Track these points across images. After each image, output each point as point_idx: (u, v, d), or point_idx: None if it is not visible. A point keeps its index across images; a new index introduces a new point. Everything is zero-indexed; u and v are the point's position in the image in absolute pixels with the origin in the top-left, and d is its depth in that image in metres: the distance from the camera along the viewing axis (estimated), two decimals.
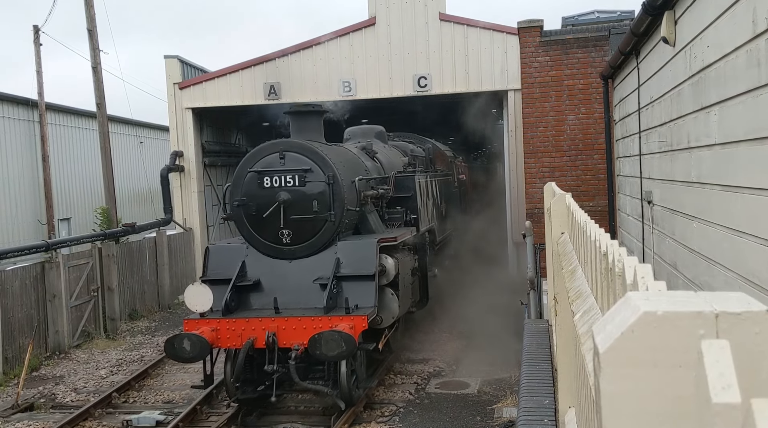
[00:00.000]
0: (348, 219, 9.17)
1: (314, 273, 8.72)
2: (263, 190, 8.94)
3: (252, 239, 9.15)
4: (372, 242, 8.84)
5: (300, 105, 10.01)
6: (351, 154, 10.45)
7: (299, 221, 8.86)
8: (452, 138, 29.13)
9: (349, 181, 9.18)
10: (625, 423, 0.85)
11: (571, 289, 2.82)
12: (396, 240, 9.38)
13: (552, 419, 4.62)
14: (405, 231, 10.31)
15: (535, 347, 6.76)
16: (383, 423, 7.80)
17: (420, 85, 16.64)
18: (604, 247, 1.90)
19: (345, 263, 8.69)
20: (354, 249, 8.86)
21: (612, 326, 0.92)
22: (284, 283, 8.80)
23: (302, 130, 9.69)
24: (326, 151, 9.15)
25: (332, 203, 8.84)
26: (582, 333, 1.96)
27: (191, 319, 8.39)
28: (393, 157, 12.59)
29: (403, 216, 10.91)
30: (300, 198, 8.88)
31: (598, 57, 14.86)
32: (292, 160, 8.92)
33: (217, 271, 9.08)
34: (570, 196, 4.41)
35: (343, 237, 9.13)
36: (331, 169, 8.86)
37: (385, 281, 8.85)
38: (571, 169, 15.08)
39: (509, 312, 11.87)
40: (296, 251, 9.00)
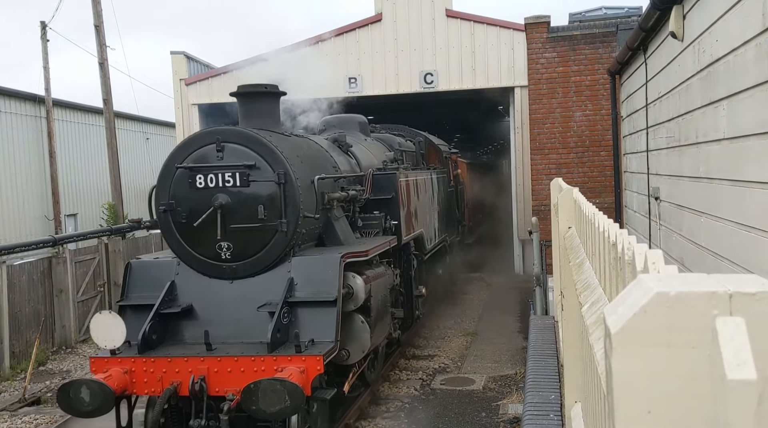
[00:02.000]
0: (306, 228, 7.23)
1: (261, 297, 6.86)
2: (196, 191, 7.02)
3: (183, 253, 7.19)
4: (334, 258, 6.84)
5: (250, 86, 7.83)
6: (315, 146, 8.46)
7: (241, 231, 6.92)
8: (458, 135, 29.03)
9: (309, 180, 7.26)
10: (637, 403, 0.84)
11: (578, 282, 2.81)
12: (367, 254, 7.39)
13: (558, 414, 4.62)
14: (382, 241, 8.36)
15: (541, 343, 6.76)
16: (388, 418, 7.80)
17: (426, 81, 16.61)
18: (613, 237, 1.89)
19: (300, 284, 6.81)
20: (312, 266, 6.91)
21: (624, 307, 0.91)
22: (222, 310, 7.01)
23: (252, 116, 7.65)
24: (278, 142, 7.20)
25: (284, 208, 6.89)
26: (590, 323, 1.95)
27: (99, 358, 6.55)
28: (375, 151, 10.83)
29: (381, 222, 8.87)
30: (242, 202, 6.93)
31: (606, 53, 14.81)
32: (232, 153, 6.99)
33: (140, 294, 7.21)
34: (577, 190, 4.39)
35: (299, 250, 7.22)
36: (282, 165, 6.90)
37: (353, 306, 7.01)
38: (577, 166, 15.05)
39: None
40: (238, 269, 7.05)
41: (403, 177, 9.82)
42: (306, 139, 8.54)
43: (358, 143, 10.37)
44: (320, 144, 8.72)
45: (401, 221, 9.31)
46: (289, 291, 6.75)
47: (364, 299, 7.12)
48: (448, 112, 20.45)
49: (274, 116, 7.97)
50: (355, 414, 7.58)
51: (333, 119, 11.53)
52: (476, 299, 14.77)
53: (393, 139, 12.21)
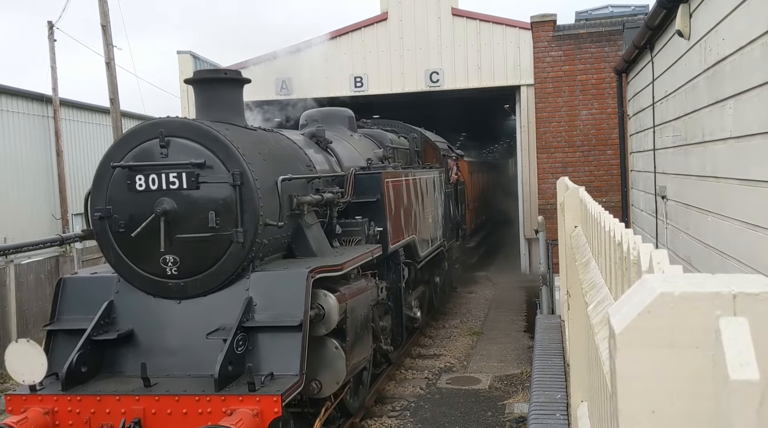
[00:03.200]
0: (268, 237, 6.16)
1: (213, 320, 5.79)
2: (135, 194, 5.94)
3: (123, 268, 6.11)
4: (300, 273, 5.75)
5: (207, 71, 6.87)
6: (286, 142, 7.34)
7: (190, 242, 5.86)
8: (464, 133, 29.01)
9: (273, 181, 6.18)
10: (641, 402, 0.85)
11: (584, 281, 2.81)
12: (342, 267, 6.30)
13: (564, 413, 4.61)
14: (363, 250, 7.26)
15: (547, 342, 6.76)
16: (394, 417, 7.81)
17: (432, 80, 16.60)
18: (619, 236, 1.89)
19: (260, 305, 5.75)
20: (274, 284, 5.82)
21: (628, 307, 0.91)
22: (167, 337, 5.91)
23: (210, 107, 6.57)
24: (235, 136, 6.12)
25: (240, 215, 5.81)
26: (596, 323, 1.96)
27: (16, 395, 5.49)
28: (362, 148, 9.71)
29: (364, 228, 7.77)
30: (190, 207, 5.84)
31: (612, 51, 14.78)
32: (179, 149, 5.90)
33: (73, 317, 6.10)
34: (583, 189, 4.39)
35: (261, 264, 6.16)
36: (238, 164, 5.83)
37: (325, 329, 5.97)
38: (583, 165, 15.03)
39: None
40: (187, 287, 5.97)
41: (391, 177, 8.60)
42: (275, 134, 7.41)
43: (341, 139, 9.32)
44: (293, 139, 7.59)
45: (387, 227, 8.18)
46: (245, 313, 5.65)
47: (339, 321, 6.08)
48: (454, 111, 20.43)
49: (236, 107, 6.78)
50: (360, 412, 7.59)
51: (315, 113, 10.40)
52: (482, 298, 14.76)
53: (384, 135, 11.07)
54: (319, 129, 8.60)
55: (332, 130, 9.38)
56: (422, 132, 12.88)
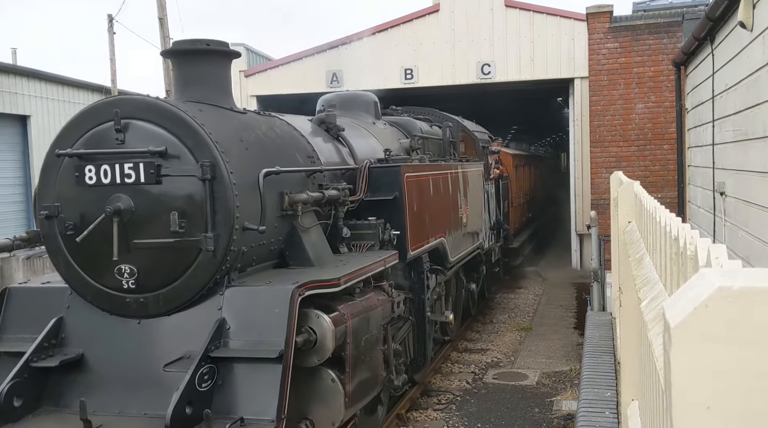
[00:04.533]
0: (249, 244, 5.06)
1: (178, 345, 4.72)
2: (86, 189, 4.88)
3: (74, 279, 5.05)
4: (283, 291, 4.61)
5: (187, 42, 5.53)
6: (285, 129, 6.25)
7: (150, 250, 4.82)
8: (515, 126, 28.70)
9: (256, 175, 5.03)
10: (696, 398, 0.83)
11: (638, 277, 2.75)
12: (339, 282, 5.07)
13: (614, 411, 4.54)
14: (374, 259, 6.03)
15: (598, 339, 6.65)
16: (440, 410, 7.80)
17: (483, 72, 16.45)
18: (675, 231, 1.85)
19: (235, 329, 4.66)
20: (252, 302, 4.74)
21: (684, 301, 0.89)
22: (122, 365, 4.81)
23: (189, 84, 5.45)
24: (208, 119, 5.01)
25: (210, 216, 4.74)
26: (649, 319, 1.92)
27: None
28: (385, 137, 8.56)
29: (377, 231, 6.58)
30: (150, 206, 4.78)
31: (670, 43, 14.38)
32: (138, 134, 4.83)
33: (18, 335, 5.08)
34: (638, 183, 4.30)
35: (240, 277, 5.05)
36: (209, 153, 4.75)
37: (317, 359, 4.80)
38: (638, 160, 14.70)
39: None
40: (148, 304, 4.90)
41: (413, 171, 7.34)
42: (271, 119, 6.25)
43: (358, 127, 8.15)
44: (294, 125, 6.46)
45: (407, 230, 6.91)
46: (215, 339, 4.55)
47: (337, 347, 4.94)
48: (505, 103, 20.21)
49: (221, 84, 5.63)
50: (406, 404, 7.62)
51: (333, 97, 9.29)
52: (531, 293, 14.60)
53: (413, 123, 9.87)
54: (329, 114, 7.33)
55: (352, 117, 8.42)
56: (459, 121, 11.60)
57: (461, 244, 9.36)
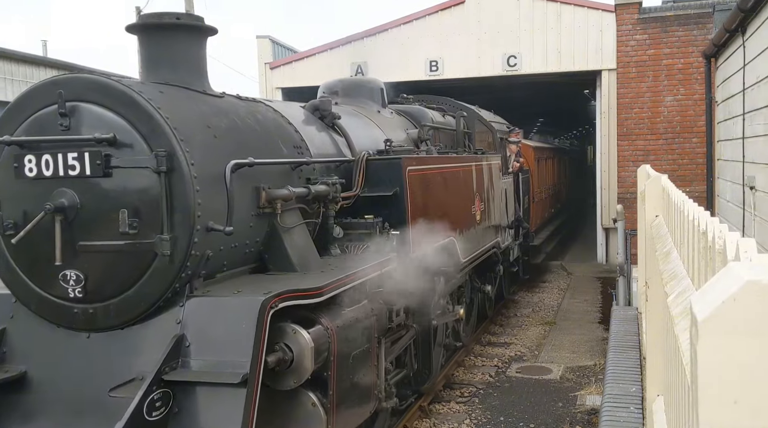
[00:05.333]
0: (216, 247, 4.43)
1: (131, 364, 4.08)
2: (26, 183, 4.28)
3: (17, 285, 4.48)
4: (253, 303, 3.94)
5: (154, 15, 4.86)
6: (266, 115, 5.52)
7: (98, 254, 4.22)
8: (541, 119, 28.47)
9: (221, 167, 4.40)
10: (723, 392, 0.82)
11: (665, 271, 2.72)
12: (321, 292, 4.46)
13: (638, 407, 4.50)
14: (370, 262, 5.36)
15: (623, 334, 6.60)
16: (462, 403, 7.80)
17: (509, 64, 16.32)
18: (704, 225, 1.82)
19: (196, 346, 4.02)
20: (215, 316, 4.10)
21: (712, 295, 0.88)
22: (69, 385, 4.19)
23: (158, 64, 4.75)
24: (168, 101, 4.40)
25: (168, 215, 4.12)
26: (676, 314, 1.90)
27: None
28: (389, 127, 7.86)
29: (375, 231, 5.93)
30: (97, 203, 4.19)
31: (701, 35, 14.15)
32: (85, 118, 4.21)
33: None
34: (666, 177, 4.25)
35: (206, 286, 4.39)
36: (166, 141, 4.12)
37: (294, 381, 4.20)
38: (666, 153, 14.51)
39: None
40: (97, 315, 4.28)
41: (417, 164, 6.63)
42: (254, 104, 5.55)
43: (359, 115, 7.50)
44: (282, 112, 5.78)
45: (408, 229, 6.19)
46: (170, 359, 3.89)
47: (319, 365, 4.35)
48: (531, 96, 20.03)
49: (194, 64, 4.91)
50: (429, 397, 7.63)
51: (335, 83, 8.60)
52: (556, 288, 14.50)
53: (423, 112, 9.20)
54: (324, 100, 6.67)
55: (355, 105, 7.85)
56: (475, 110, 10.74)
57: (474, 244, 8.52)
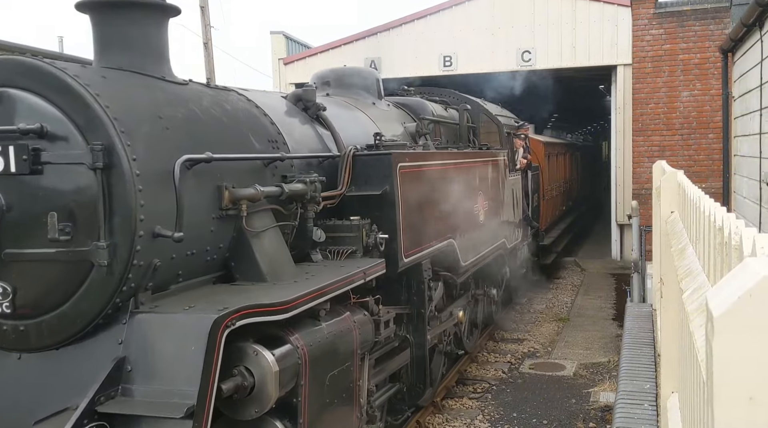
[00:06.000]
0: (166, 256, 3.85)
1: (66, 391, 3.51)
2: None
3: None
4: (203, 321, 3.40)
5: None
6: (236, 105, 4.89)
7: (27, 263, 3.69)
8: (556, 114, 28.35)
9: (170, 164, 3.79)
10: (738, 389, 0.81)
11: (680, 268, 2.70)
12: (288, 306, 3.87)
13: (653, 404, 4.48)
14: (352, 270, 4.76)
15: (637, 331, 6.56)
16: (475, 399, 7.80)
17: (524, 59, 16.24)
18: (720, 221, 1.81)
19: (139, 371, 3.47)
20: (160, 336, 3.55)
21: (728, 291, 0.88)
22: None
23: (111, 46, 4.17)
24: (111, 87, 3.84)
25: (105, 219, 3.56)
26: (691, 310, 1.88)
27: None
28: (383, 120, 7.24)
29: (360, 235, 5.33)
30: (25, 205, 3.65)
31: (717, 29, 14.00)
32: (14, 106, 3.71)
33: None
34: (682, 172, 4.21)
35: (155, 300, 3.83)
36: (103, 133, 3.57)
37: (256, 410, 3.68)
38: (682, 149, 14.40)
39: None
40: (30, 334, 3.74)
41: (410, 160, 5.97)
42: (223, 93, 4.93)
43: (350, 107, 6.97)
44: (258, 102, 5.16)
45: (399, 232, 5.61)
46: (108, 386, 3.36)
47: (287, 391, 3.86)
48: (545, 91, 19.94)
49: (152, 47, 4.31)
50: (442, 392, 7.63)
51: (326, 73, 8.02)
52: (569, 284, 14.44)
53: (423, 105, 8.52)
54: (307, 90, 5.98)
55: (348, 96, 7.35)
56: (480, 103, 10.15)
57: (477, 245, 7.96)
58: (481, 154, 8.78)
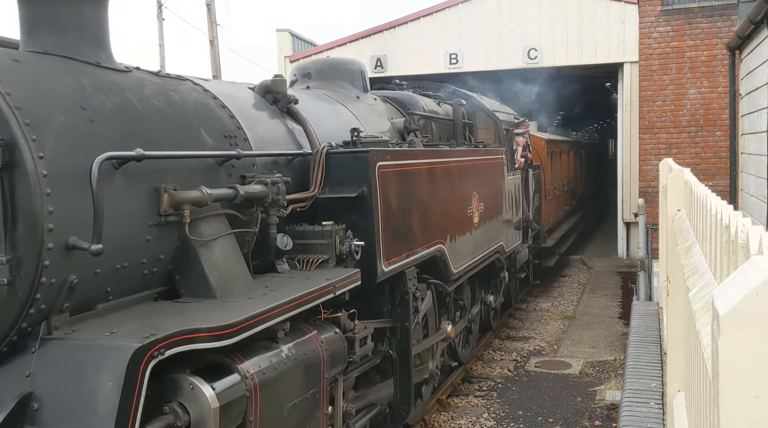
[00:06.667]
0: (86, 271, 3.24)
1: None
2: None
3: None
4: (121, 351, 2.82)
5: None
6: (187, 95, 4.29)
7: None
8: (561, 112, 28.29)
9: (91, 163, 3.14)
10: (744, 387, 0.81)
11: (686, 266, 2.70)
12: (233, 330, 3.25)
13: (659, 402, 4.47)
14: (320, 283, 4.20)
15: (644, 329, 6.54)
16: (481, 397, 7.80)
17: (530, 57, 16.21)
18: (726, 219, 1.80)
19: (48, 410, 2.81)
20: (75, 368, 2.86)
21: (734, 289, 0.87)
22: None
23: (38, 27, 3.63)
24: (20, 72, 3.27)
25: (6, 229, 3.01)
26: (698, 308, 1.88)
27: None
28: (367, 115, 6.70)
29: (333, 242, 4.76)
30: None
31: (725, 26, 13.95)
32: None
33: None
34: (689, 170, 4.20)
35: (72, 324, 3.19)
36: (4, 126, 2.98)
37: None
38: (689, 146, 14.36)
39: None
40: None
41: (391, 159, 5.38)
42: (173, 81, 4.33)
43: (332, 101, 6.44)
44: (216, 93, 4.58)
45: (378, 238, 5.05)
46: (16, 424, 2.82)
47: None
48: (551, 89, 19.89)
49: (87, 30, 3.74)
50: (447, 390, 7.64)
51: (307, 65, 7.46)
52: (575, 282, 14.42)
53: (413, 99, 7.98)
54: (277, 80, 5.38)
55: (331, 89, 6.85)
56: (477, 98, 9.60)
57: (471, 250, 7.45)
58: (477, 152, 8.29)
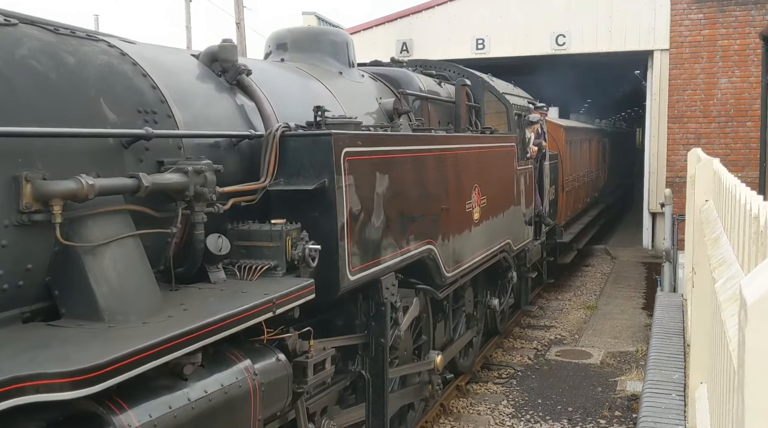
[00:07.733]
0: None
1: None
2: None
3: None
4: None
5: None
6: (91, 57, 3.38)
7: None
8: (589, 100, 27.94)
9: None
10: None
11: (713, 257, 2.66)
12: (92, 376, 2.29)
13: (680, 394, 4.44)
14: (254, 297, 3.28)
15: (667, 321, 6.49)
16: (500, 384, 7.80)
17: (558, 43, 15.99)
18: (756, 210, 1.77)
19: None
20: None
21: (762, 279, 0.86)
22: None
23: None
24: None
25: None
26: (724, 299, 1.85)
27: None
28: (350, 94, 5.77)
29: (284, 246, 3.79)
30: None
31: (759, 15, 13.65)
32: None
33: None
34: (718, 161, 4.13)
35: None
36: None
37: None
38: (719, 137, 14.13)
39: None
40: None
41: (362, 144, 4.38)
42: (82, 41, 3.48)
43: (304, 74, 5.50)
44: (136, 57, 3.71)
45: (343, 241, 4.13)
46: None
47: None
48: (579, 76, 19.61)
49: None
50: (466, 377, 7.65)
51: (283, 33, 6.25)
52: (599, 272, 14.31)
53: (409, 77, 6.85)
54: (224, 46, 4.42)
55: (309, 62, 5.86)
56: (486, 79, 8.39)
57: (469, 250, 6.50)
58: (480, 138, 7.30)
